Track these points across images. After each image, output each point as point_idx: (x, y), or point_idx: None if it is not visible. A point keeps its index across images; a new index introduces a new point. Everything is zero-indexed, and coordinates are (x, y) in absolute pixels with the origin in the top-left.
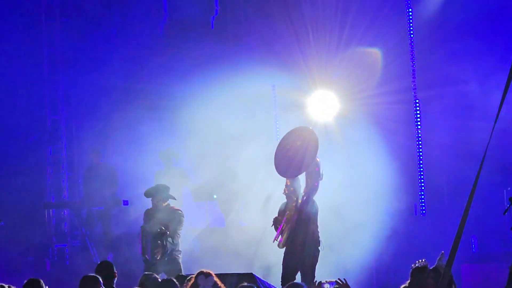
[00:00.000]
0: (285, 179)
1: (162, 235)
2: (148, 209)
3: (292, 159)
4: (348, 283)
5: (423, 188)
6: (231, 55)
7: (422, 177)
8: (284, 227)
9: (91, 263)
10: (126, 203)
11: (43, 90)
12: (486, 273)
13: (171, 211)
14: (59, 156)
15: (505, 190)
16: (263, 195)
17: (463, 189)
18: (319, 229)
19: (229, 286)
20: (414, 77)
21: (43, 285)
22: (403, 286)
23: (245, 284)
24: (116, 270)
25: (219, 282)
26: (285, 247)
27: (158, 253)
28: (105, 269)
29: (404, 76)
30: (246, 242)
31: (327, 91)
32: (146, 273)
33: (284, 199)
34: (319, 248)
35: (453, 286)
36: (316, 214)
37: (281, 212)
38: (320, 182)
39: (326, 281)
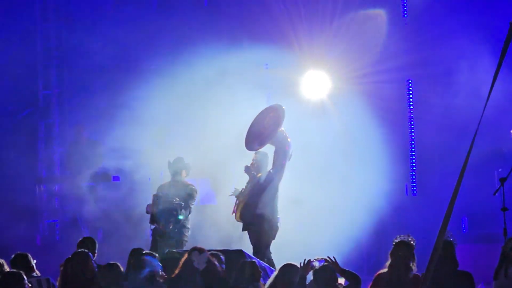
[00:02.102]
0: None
1: (175, 206)
2: (161, 184)
3: (257, 132)
4: (338, 261)
5: (414, 168)
6: (222, 31)
7: (413, 157)
8: (240, 200)
9: None
10: (116, 178)
11: (36, 64)
12: (477, 253)
13: (184, 185)
14: (51, 131)
15: (496, 171)
16: None
17: (455, 169)
18: (279, 208)
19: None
20: (407, 56)
21: (31, 259)
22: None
23: (247, 260)
24: (96, 249)
25: (212, 258)
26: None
27: (171, 224)
28: (89, 245)
29: (396, 55)
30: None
31: (320, 71)
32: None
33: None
34: (278, 225)
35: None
36: (275, 192)
37: (245, 188)
38: (288, 162)
39: (315, 259)
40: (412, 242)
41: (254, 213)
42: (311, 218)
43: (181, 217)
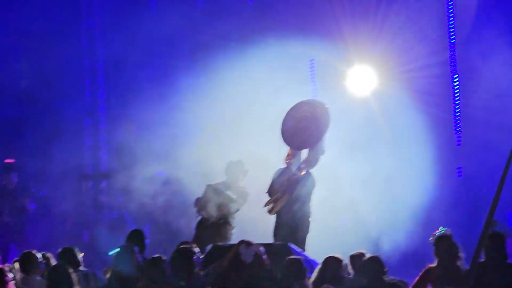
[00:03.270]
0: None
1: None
2: (211, 185)
3: (301, 131)
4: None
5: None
6: (268, 26)
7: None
8: (280, 196)
9: None
10: (161, 174)
11: (83, 60)
12: None
13: (237, 188)
14: (97, 128)
15: None
16: None
17: (502, 167)
18: (311, 203)
19: (267, 255)
20: (453, 51)
21: (78, 253)
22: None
23: (293, 257)
24: (146, 240)
25: (260, 252)
26: (275, 217)
27: (224, 210)
28: (136, 238)
29: (443, 49)
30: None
31: (366, 65)
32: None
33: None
34: (309, 225)
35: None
36: (311, 188)
37: (276, 181)
38: (321, 156)
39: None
40: (449, 233)
41: (294, 211)
42: (356, 217)
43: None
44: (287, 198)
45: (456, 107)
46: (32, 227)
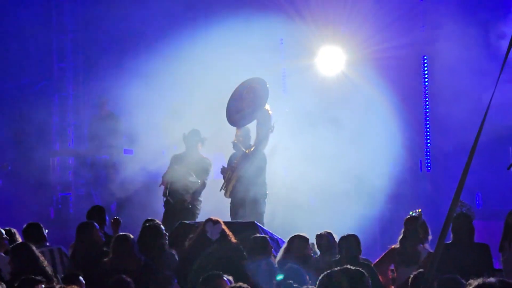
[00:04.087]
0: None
1: (189, 181)
2: (176, 154)
3: (241, 108)
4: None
5: (429, 144)
6: (237, 7)
7: (428, 133)
8: (230, 176)
9: None
10: (128, 152)
11: (51, 37)
12: (490, 230)
13: (199, 159)
14: (65, 105)
15: (510, 147)
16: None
17: (470, 145)
18: (266, 181)
19: (233, 233)
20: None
21: (43, 229)
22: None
23: (258, 235)
24: (107, 217)
25: (226, 230)
26: (231, 198)
27: (189, 197)
28: (97, 214)
29: (412, 30)
30: None
31: (335, 46)
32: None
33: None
34: (265, 200)
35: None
36: (264, 165)
37: (229, 162)
38: (271, 134)
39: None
40: (418, 215)
41: (246, 189)
42: (323, 196)
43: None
44: (236, 177)
45: (426, 89)
46: None
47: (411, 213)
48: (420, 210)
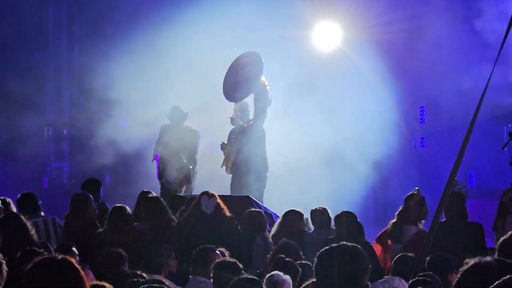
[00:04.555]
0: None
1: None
2: (164, 125)
3: (237, 83)
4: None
5: (424, 120)
6: None
7: (422, 111)
8: (229, 151)
9: None
10: (123, 124)
11: (47, 9)
12: (484, 208)
13: (187, 131)
14: (60, 76)
15: (505, 126)
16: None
17: (465, 123)
18: (267, 155)
19: (228, 207)
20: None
21: (37, 199)
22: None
23: (253, 209)
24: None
25: (221, 203)
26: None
27: (183, 184)
28: (91, 186)
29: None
30: None
31: (331, 21)
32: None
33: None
34: (266, 174)
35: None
36: (263, 139)
37: (229, 137)
38: (268, 107)
39: None
40: (416, 193)
41: (246, 163)
42: (319, 172)
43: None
44: (235, 152)
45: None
46: None
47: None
48: (418, 189)
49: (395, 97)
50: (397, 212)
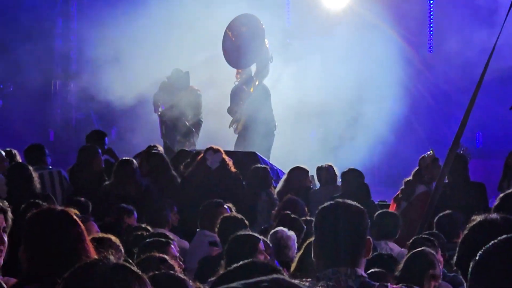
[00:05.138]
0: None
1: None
2: (165, 81)
3: (241, 47)
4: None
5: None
6: None
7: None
8: (239, 113)
9: None
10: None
11: None
12: (490, 169)
13: (189, 91)
14: (68, 28)
15: None
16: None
17: (473, 83)
18: (273, 113)
19: (233, 163)
20: None
21: (45, 151)
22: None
23: (259, 165)
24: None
25: (226, 159)
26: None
27: (185, 145)
28: (97, 138)
29: None
30: None
31: None
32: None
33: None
34: (274, 132)
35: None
36: (268, 98)
37: (233, 99)
38: (270, 64)
39: None
40: (430, 155)
41: (255, 124)
42: (325, 128)
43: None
44: (245, 115)
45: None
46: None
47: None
48: (433, 150)
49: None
50: (413, 172)
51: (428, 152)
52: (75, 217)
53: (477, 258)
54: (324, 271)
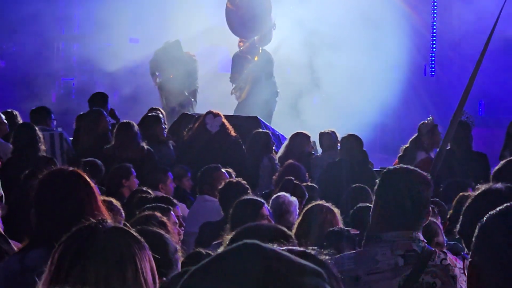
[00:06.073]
0: None
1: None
2: (158, 50)
3: (242, 19)
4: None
5: (434, 49)
6: None
7: (434, 36)
8: (243, 85)
9: None
10: (134, 40)
11: None
12: (492, 138)
13: (186, 58)
14: None
15: None
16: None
17: (475, 53)
18: (275, 79)
19: (234, 127)
20: None
21: (51, 113)
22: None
23: (261, 130)
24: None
25: (226, 123)
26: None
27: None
28: (100, 100)
29: None
30: None
31: None
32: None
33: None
34: (276, 99)
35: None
36: (272, 65)
37: (236, 68)
38: (273, 31)
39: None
40: (429, 122)
41: (259, 91)
42: (325, 96)
43: None
44: (250, 83)
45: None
46: (1, 84)
47: (428, 119)
48: (432, 118)
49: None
50: (411, 139)
51: (429, 118)
52: (85, 177)
53: (482, 223)
54: (387, 233)
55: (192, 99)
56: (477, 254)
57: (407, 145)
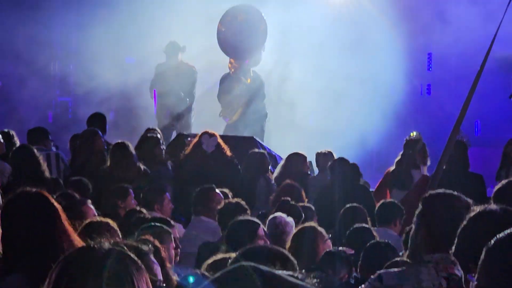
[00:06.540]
0: None
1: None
2: (160, 63)
3: (234, 40)
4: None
5: (431, 68)
6: None
7: (430, 58)
8: (236, 108)
9: None
10: (130, 60)
11: None
12: (488, 157)
13: (184, 66)
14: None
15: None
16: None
17: (471, 72)
18: (264, 101)
19: (230, 147)
20: None
21: (48, 134)
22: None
23: (257, 150)
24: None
25: (222, 143)
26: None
27: (181, 119)
28: (97, 121)
29: None
30: None
31: None
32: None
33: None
34: (266, 120)
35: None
36: (263, 87)
37: (226, 89)
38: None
39: None
40: (418, 139)
41: (250, 114)
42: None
43: None
44: (243, 106)
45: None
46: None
47: (411, 134)
48: (419, 133)
49: (404, 43)
50: (397, 159)
51: (412, 133)
52: (50, 198)
53: (489, 246)
54: (432, 254)
55: (185, 114)
56: (485, 277)
57: (401, 164)
